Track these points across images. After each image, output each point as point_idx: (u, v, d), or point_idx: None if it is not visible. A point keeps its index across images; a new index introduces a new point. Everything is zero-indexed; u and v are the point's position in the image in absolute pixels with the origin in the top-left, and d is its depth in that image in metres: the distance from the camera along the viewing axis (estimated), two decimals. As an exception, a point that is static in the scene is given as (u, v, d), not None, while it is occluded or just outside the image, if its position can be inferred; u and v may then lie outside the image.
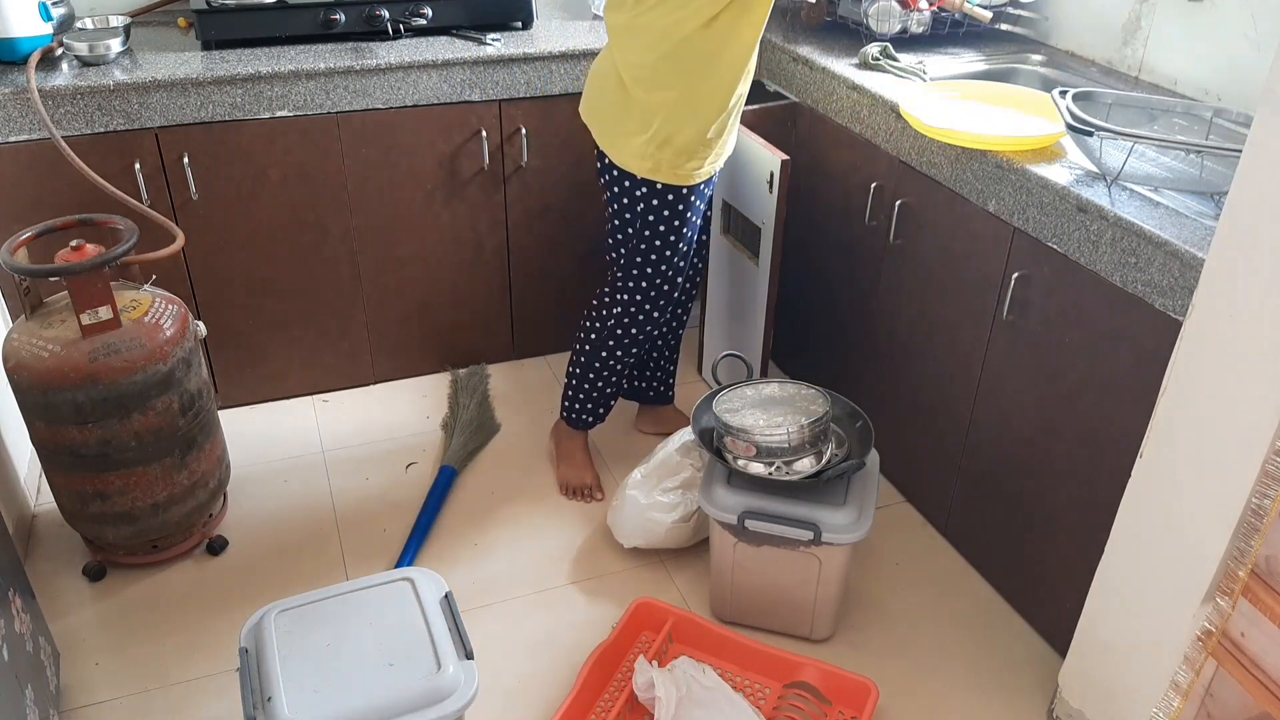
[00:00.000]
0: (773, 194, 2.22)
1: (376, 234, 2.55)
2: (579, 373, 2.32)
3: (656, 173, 2.02)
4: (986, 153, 1.85)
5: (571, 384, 2.36)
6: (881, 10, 2.37)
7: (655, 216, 2.08)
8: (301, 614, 1.58)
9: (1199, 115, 1.85)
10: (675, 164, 2.00)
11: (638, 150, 2.00)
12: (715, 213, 2.50)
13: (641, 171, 2.02)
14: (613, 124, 2.04)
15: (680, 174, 2.03)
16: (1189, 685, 1.49)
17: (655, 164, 2.00)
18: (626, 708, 1.79)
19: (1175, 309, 1.52)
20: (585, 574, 2.18)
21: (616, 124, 2.03)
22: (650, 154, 1.99)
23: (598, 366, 2.29)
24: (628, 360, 2.29)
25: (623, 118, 2.01)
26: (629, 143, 2.01)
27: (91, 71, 2.21)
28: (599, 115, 2.08)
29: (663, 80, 1.93)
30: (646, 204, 2.06)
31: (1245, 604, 1.39)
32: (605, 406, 2.38)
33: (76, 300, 1.86)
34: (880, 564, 2.21)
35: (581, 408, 2.37)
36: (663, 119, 1.95)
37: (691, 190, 2.07)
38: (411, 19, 2.44)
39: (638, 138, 1.99)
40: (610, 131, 2.05)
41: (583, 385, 2.34)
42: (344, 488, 2.42)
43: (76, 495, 2.01)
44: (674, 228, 2.10)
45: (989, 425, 2.02)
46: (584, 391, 2.34)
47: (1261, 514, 1.34)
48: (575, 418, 2.39)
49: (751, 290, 2.42)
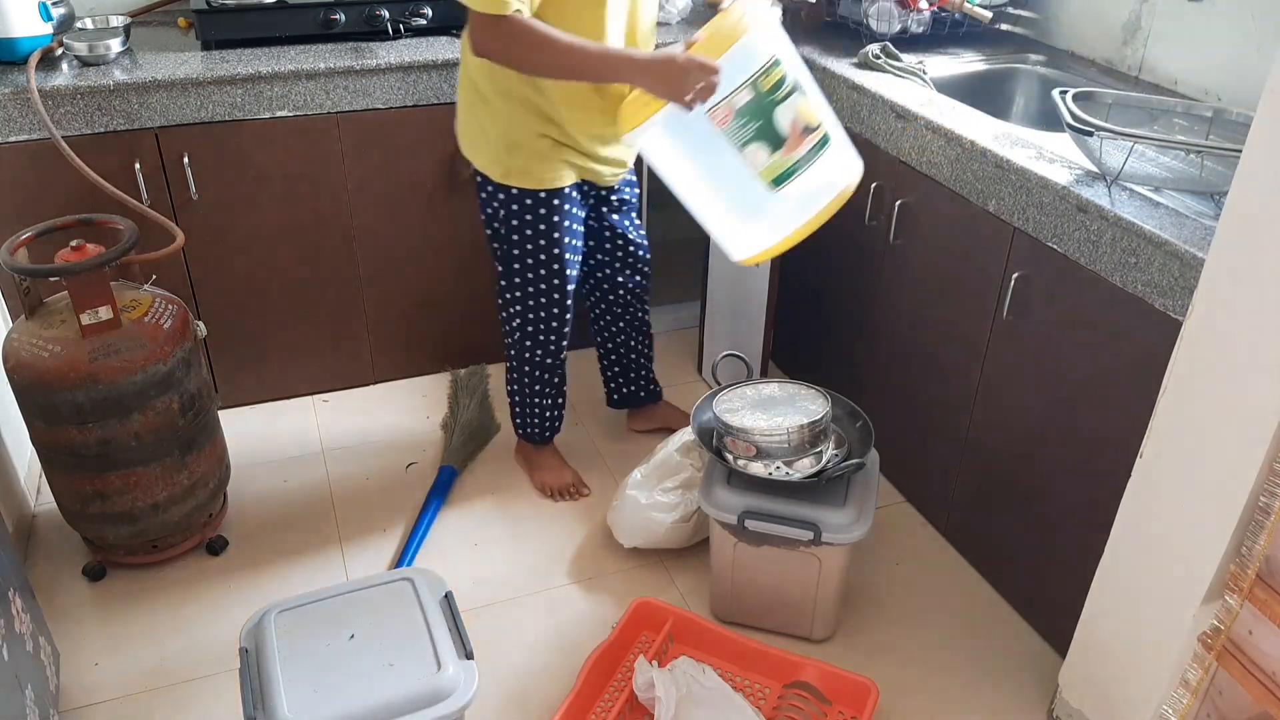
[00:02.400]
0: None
1: (376, 234, 2.55)
2: (512, 390, 2.33)
3: (508, 177, 1.96)
4: (986, 152, 1.85)
5: (512, 401, 2.36)
6: (881, 10, 2.37)
7: (518, 222, 2.01)
8: (301, 614, 1.58)
9: (1199, 115, 1.85)
10: (527, 168, 1.95)
11: (491, 154, 1.96)
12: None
13: (496, 175, 1.97)
14: (471, 127, 2.01)
15: (534, 178, 1.96)
16: (1198, 682, 1.49)
17: (506, 169, 1.96)
18: (626, 708, 1.79)
19: (1175, 309, 1.52)
20: (585, 574, 2.18)
21: (474, 127, 1.99)
22: (502, 159, 1.95)
23: (526, 382, 2.29)
24: (548, 375, 2.27)
25: (477, 120, 1.97)
26: (485, 146, 1.97)
27: (91, 71, 2.21)
28: (461, 120, 2.05)
29: (499, 83, 1.88)
30: (506, 210, 2.01)
31: (1246, 604, 1.39)
32: (553, 417, 2.37)
33: (76, 300, 1.86)
34: (880, 564, 2.21)
35: (527, 423, 2.37)
36: (506, 122, 1.92)
37: (554, 195, 1.99)
38: (411, 19, 2.44)
39: (491, 141, 1.95)
40: (469, 135, 2.02)
41: (520, 402, 2.34)
42: (344, 488, 2.42)
43: (76, 495, 2.01)
44: (540, 233, 2.02)
45: (989, 425, 2.02)
46: (524, 407, 2.34)
47: (1269, 511, 1.33)
48: (528, 433, 2.39)
49: (753, 289, 2.42)
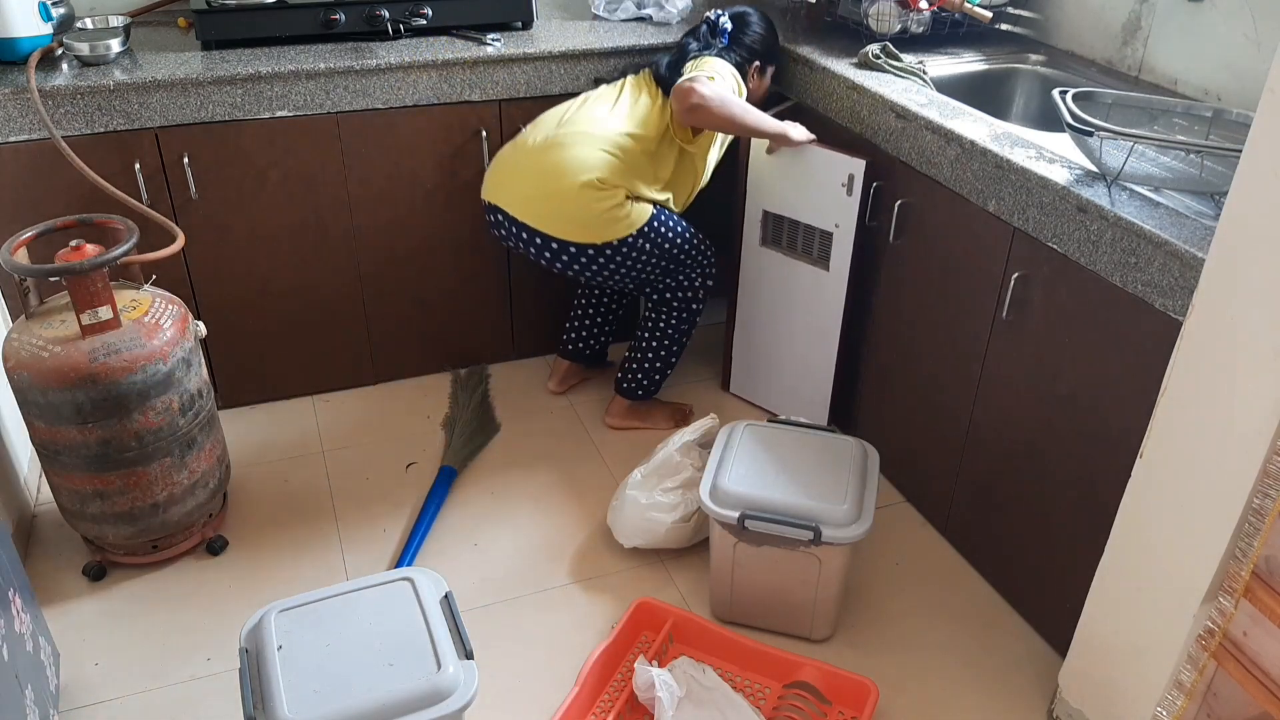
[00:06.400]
0: (851, 196, 2.22)
1: (376, 234, 2.55)
2: (673, 355, 2.57)
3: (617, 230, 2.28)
4: (987, 152, 1.85)
5: (655, 366, 2.56)
6: (881, 10, 2.37)
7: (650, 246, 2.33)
8: (301, 614, 1.58)
9: (1199, 115, 1.85)
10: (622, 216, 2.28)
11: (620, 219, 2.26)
12: (752, 225, 2.49)
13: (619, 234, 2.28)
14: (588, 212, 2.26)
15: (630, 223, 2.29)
16: (1193, 684, 1.49)
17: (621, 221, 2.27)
18: (626, 708, 1.79)
19: (1175, 309, 1.52)
20: (585, 574, 2.18)
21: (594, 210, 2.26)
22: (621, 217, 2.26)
23: (681, 344, 2.56)
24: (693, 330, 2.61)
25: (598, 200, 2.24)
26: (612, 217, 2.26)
27: (91, 71, 2.21)
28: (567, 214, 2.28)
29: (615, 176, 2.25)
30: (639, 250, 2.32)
31: (1245, 604, 1.39)
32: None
33: (76, 300, 1.86)
34: (880, 564, 2.21)
35: (663, 379, 2.61)
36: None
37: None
38: (411, 19, 2.44)
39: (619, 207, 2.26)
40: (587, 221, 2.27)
41: (669, 361, 2.57)
42: (344, 488, 2.42)
43: (76, 495, 2.01)
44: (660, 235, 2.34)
45: (989, 425, 2.02)
46: (669, 365, 2.58)
47: (1263, 514, 1.34)
48: (655, 388, 2.62)
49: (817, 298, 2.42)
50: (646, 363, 2.55)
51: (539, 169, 2.24)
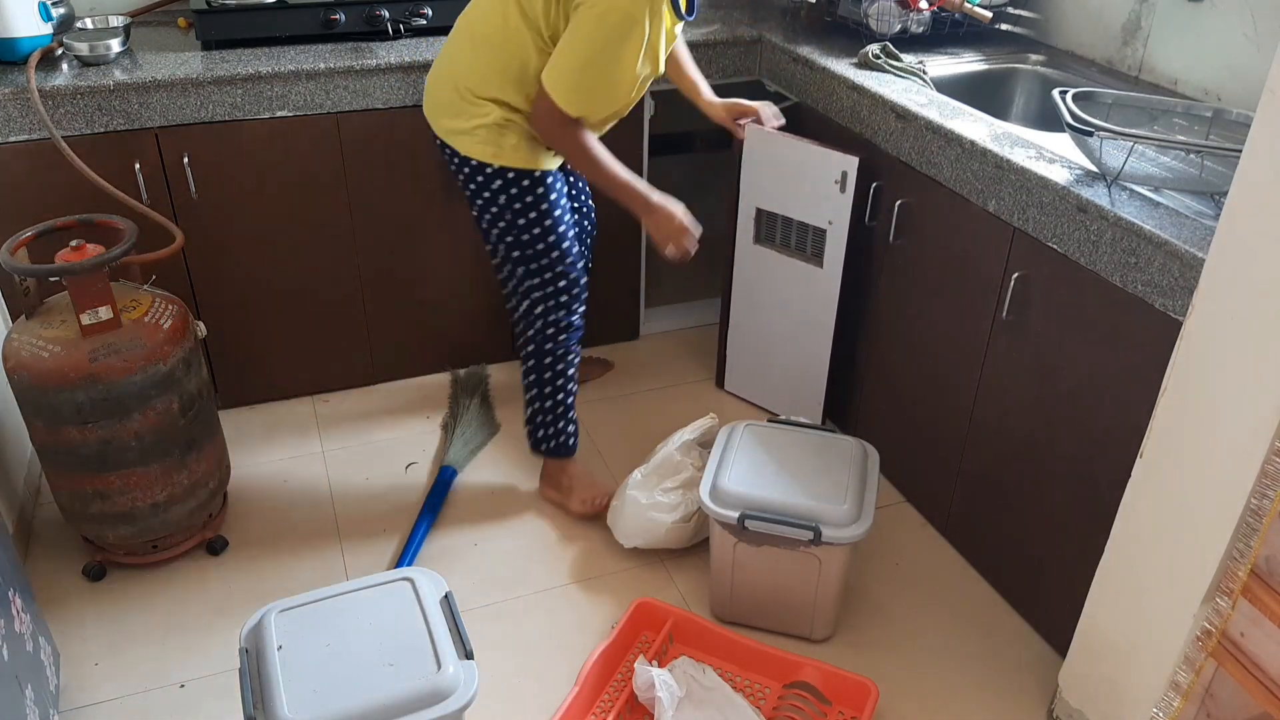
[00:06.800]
0: (845, 194, 2.22)
1: (376, 234, 2.55)
2: (546, 399, 2.23)
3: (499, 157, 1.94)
4: (987, 152, 1.85)
5: (545, 415, 2.26)
6: (881, 10, 2.37)
7: (521, 206, 1.98)
8: (301, 614, 1.58)
9: (1199, 115, 1.85)
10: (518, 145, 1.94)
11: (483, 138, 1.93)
12: (745, 222, 2.48)
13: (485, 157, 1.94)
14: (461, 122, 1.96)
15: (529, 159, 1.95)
16: (1189, 685, 1.49)
17: (498, 149, 1.94)
18: (626, 708, 1.79)
19: (1175, 309, 1.52)
20: (585, 574, 2.18)
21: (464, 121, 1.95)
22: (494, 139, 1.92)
23: (560, 383, 2.22)
24: (573, 369, 2.23)
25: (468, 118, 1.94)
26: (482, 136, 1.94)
27: (91, 71, 2.21)
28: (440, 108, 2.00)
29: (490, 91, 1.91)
30: (507, 195, 1.97)
31: (1245, 604, 1.39)
32: (575, 419, 2.31)
33: (76, 300, 1.86)
34: (880, 564, 2.21)
35: (562, 431, 2.28)
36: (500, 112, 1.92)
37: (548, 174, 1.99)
38: (411, 19, 2.45)
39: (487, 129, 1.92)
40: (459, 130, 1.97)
41: (554, 408, 2.25)
42: (344, 488, 2.42)
43: (76, 495, 2.01)
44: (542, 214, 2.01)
45: (989, 425, 2.02)
46: (557, 416, 2.26)
47: (1261, 514, 1.34)
48: (565, 443, 2.30)
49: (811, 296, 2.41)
50: (532, 406, 2.30)
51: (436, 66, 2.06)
